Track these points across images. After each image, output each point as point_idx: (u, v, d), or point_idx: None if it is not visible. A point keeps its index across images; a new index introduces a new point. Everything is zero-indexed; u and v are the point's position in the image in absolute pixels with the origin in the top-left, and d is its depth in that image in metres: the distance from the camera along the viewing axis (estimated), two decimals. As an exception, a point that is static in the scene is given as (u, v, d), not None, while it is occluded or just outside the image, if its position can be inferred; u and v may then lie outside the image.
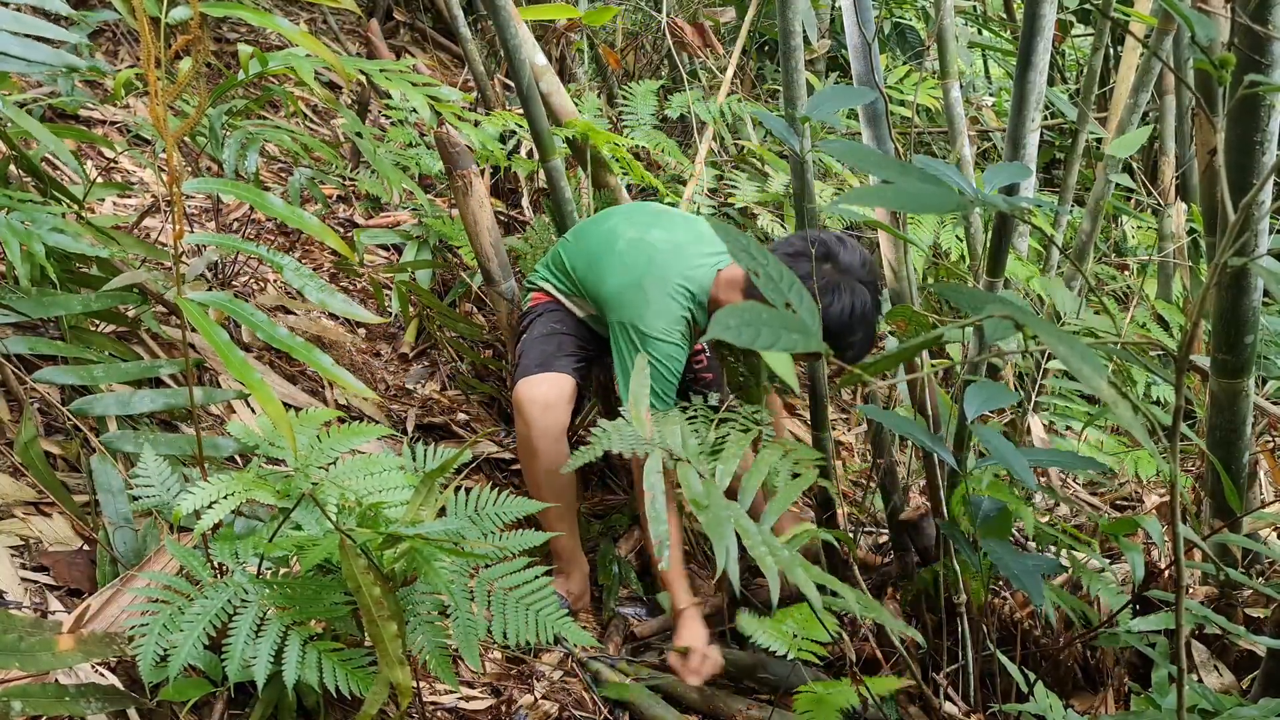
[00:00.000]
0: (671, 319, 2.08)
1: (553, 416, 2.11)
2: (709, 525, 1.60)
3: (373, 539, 1.35)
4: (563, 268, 2.28)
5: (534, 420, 2.09)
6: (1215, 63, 1.02)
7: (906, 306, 1.70)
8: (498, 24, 2.37)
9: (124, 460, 1.81)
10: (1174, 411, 1.02)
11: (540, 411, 2.10)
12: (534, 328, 2.27)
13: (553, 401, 2.12)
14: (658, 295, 2.08)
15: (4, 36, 1.60)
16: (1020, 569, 1.57)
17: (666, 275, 2.10)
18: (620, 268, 2.15)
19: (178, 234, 1.36)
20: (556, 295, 2.29)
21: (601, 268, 2.18)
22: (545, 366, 2.16)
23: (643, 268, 2.12)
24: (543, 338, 2.23)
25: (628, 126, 3.30)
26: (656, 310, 2.08)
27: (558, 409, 2.12)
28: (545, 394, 2.11)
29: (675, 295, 2.09)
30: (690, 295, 2.10)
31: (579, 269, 2.23)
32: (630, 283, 2.11)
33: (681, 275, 2.10)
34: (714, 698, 1.91)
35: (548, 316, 2.28)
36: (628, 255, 2.16)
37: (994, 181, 1.37)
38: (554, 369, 2.16)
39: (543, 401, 2.10)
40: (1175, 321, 3.30)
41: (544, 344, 2.22)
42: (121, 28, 3.44)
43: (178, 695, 1.39)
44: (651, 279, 2.10)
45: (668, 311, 2.08)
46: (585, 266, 2.22)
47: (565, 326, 2.26)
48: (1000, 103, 4.67)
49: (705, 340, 2.45)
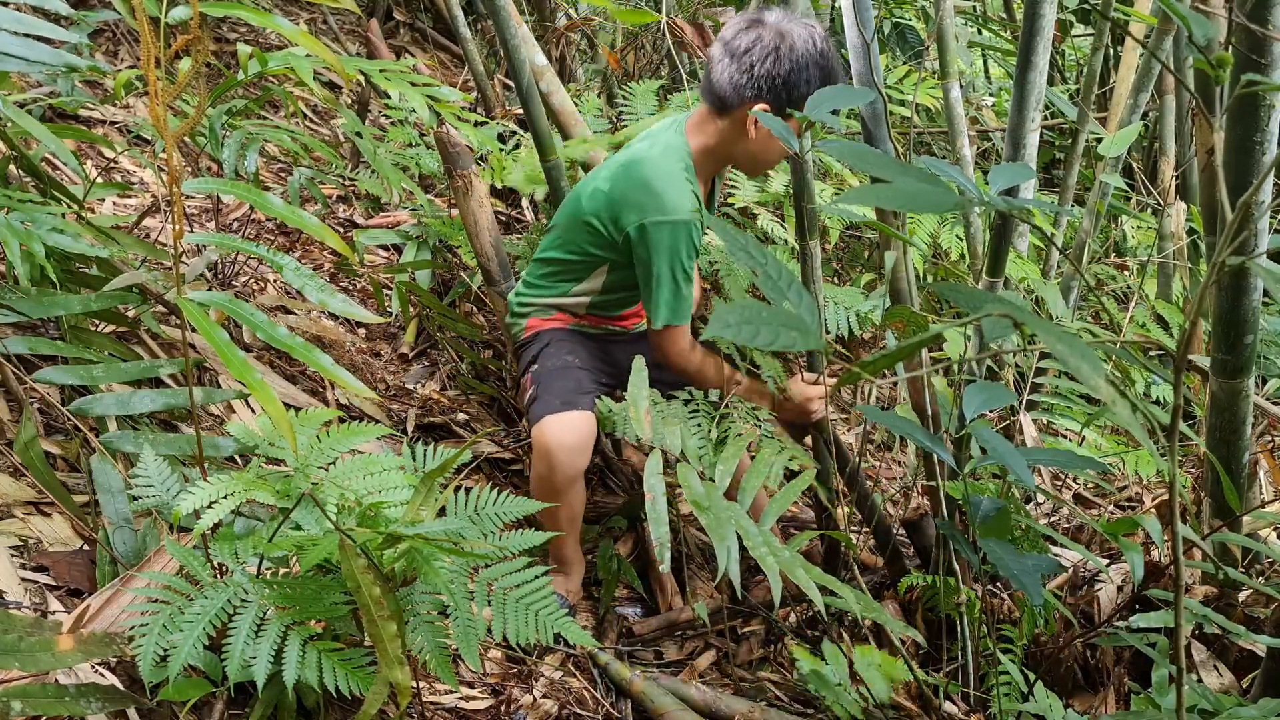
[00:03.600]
0: (689, 196, 2.00)
1: (580, 460, 2.03)
2: (710, 526, 1.60)
3: (373, 539, 1.35)
4: (546, 260, 2.20)
5: (560, 465, 2.00)
6: (1213, 62, 1.02)
7: (906, 307, 1.70)
8: (498, 24, 2.37)
9: (124, 460, 1.81)
10: (1173, 411, 1.02)
11: (568, 456, 2.00)
12: (544, 359, 2.16)
13: (580, 444, 2.02)
14: (665, 180, 2.01)
15: (4, 36, 1.60)
16: (1019, 569, 1.57)
17: (657, 160, 2.04)
18: (609, 181, 2.08)
19: (178, 234, 1.36)
20: (553, 312, 2.22)
21: (587, 199, 2.10)
22: (570, 405, 2.04)
23: (633, 168, 2.05)
24: (559, 371, 2.13)
25: (627, 126, 3.30)
26: (676, 191, 2.00)
27: (584, 452, 2.04)
28: (573, 437, 2.01)
29: (677, 173, 2.02)
30: (686, 166, 2.05)
31: (562, 227, 2.15)
32: (632, 184, 2.03)
33: (665, 152, 2.05)
34: (716, 699, 1.92)
35: (557, 346, 2.18)
36: (607, 174, 2.09)
37: (997, 182, 1.37)
38: (579, 407, 2.05)
39: (570, 445, 2.01)
40: (1175, 321, 3.30)
41: (562, 379, 2.11)
42: (121, 28, 3.44)
43: (178, 695, 1.39)
44: (648, 170, 2.03)
45: (683, 189, 2.01)
46: (568, 218, 2.14)
47: (579, 358, 2.17)
48: (1000, 103, 4.67)
49: (704, 338, 2.45)
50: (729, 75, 1.98)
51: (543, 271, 2.23)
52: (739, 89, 1.98)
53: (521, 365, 2.23)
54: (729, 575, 1.59)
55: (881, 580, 2.31)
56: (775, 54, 1.94)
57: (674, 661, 2.15)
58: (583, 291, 2.21)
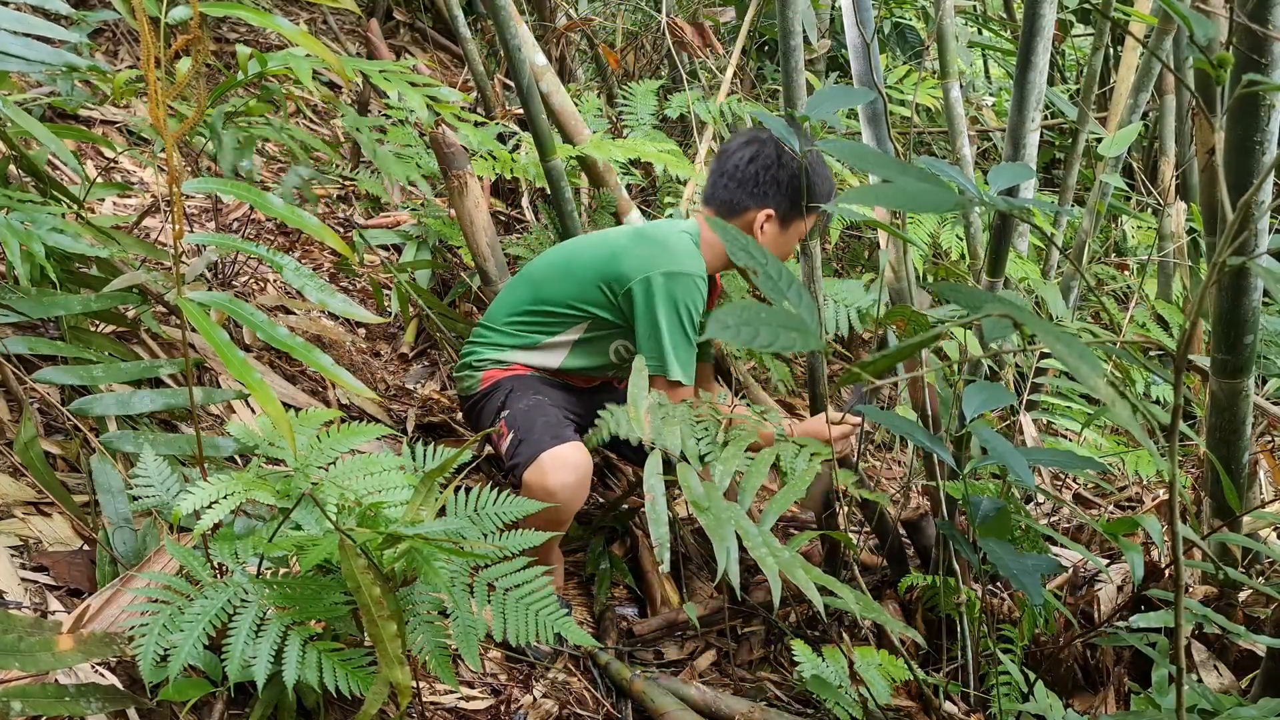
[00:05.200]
0: (700, 262, 2.01)
1: (583, 495, 1.96)
2: (710, 526, 1.60)
3: (373, 539, 1.35)
4: (517, 311, 2.13)
5: (566, 505, 1.92)
6: (1213, 62, 1.02)
7: (906, 306, 1.70)
8: (498, 24, 2.37)
9: (124, 460, 1.81)
10: (1173, 411, 1.02)
11: (571, 495, 1.92)
12: (513, 402, 2.05)
13: (581, 480, 1.93)
14: (678, 242, 2.02)
15: (4, 36, 1.60)
16: (1019, 569, 1.57)
17: (670, 228, 2.07)
18: (619, 238, 2.08)
19: (178, 234, 1.36)
20: (513, 364, 2.13)
21: (586, 259, 2.08)
22: (560, 439, 1.96)
23: (647, 230, 2.07)
24: (535, 408, 2.03)
25: (628, 126, 3.30)
26: (687, 253, 2.00)
27: (585, 487, 1.95)
28: (574, 475, 1.93)
29: (688, 242, 2.04)
30: (695, 242, 2.07)
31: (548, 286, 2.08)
32: (643, 241, 2.03)
33: (677, 226, 2.10)
34: (716, 699, 1.92)
35: (522, 388, 2.08)
36: (615, 234, 2.12)
37: (997, 182, 1.37)
38: (569, 439, 1.96)
39: (573, 483, 1.92)
40: (1175, 321, 3.30)
41: (541, 414, 2.02)
42: (121, 28, 3.44)
43: (178, 695, 1.39)
44: (656, 229, 2.06)
45: (695, 254, 2.01)
46: (560, 276, 2.08)
47: (550, 397, 2.09)
48: (1000, 103, 4.67)
49: (704, 338, 2.45)
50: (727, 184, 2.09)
51: (506, 323, 2.15)
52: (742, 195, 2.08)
53: (485, 418, 2.11)
54: (729, 576, 1.59)
55: (881, 580, 2.31)
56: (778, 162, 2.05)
57: (674, 661, 2.15)
58: (553, 345, 2.14)
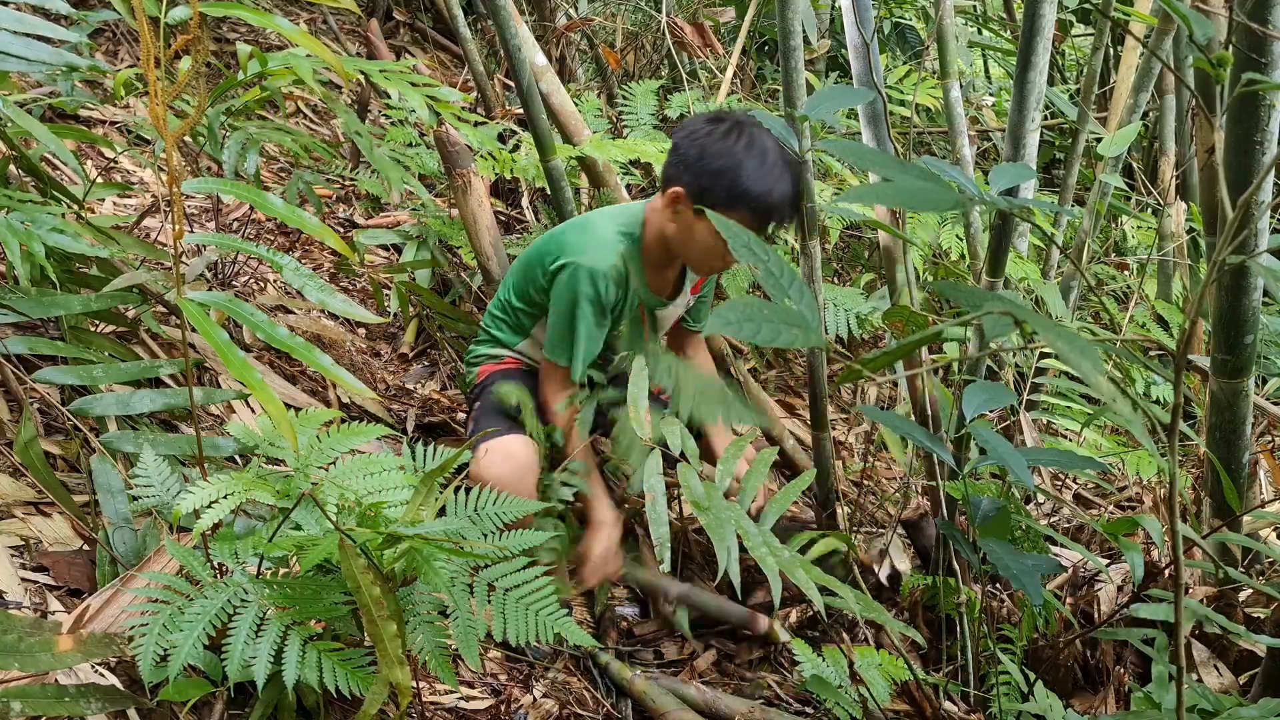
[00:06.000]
0: (614, 253, 2.02)
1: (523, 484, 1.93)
2: (710, 526, 1.60)
3: (372, 539, 1.35)
4: (497, 306, 2.23)
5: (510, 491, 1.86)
6: (1213, 62, 1.02)
7: (905, 306, 1.70)
8: (498, 24, 2.37)
9: (124, 460, 1.81)
10: (1173, 411, 1.02)
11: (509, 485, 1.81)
12: (485, 398, 2.16)
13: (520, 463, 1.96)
14: (598, 231, 2.07)
15: (4, 36, 1.60)
16: (1019, 569, 1.57)
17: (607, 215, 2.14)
18: (557, 229, 2.17)
19: (178, 234, 1.36)
20: (504, 357, 2.23)
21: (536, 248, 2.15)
22: (506, 430, 2.00)
23: (585, 217, 2.16)
24: (494, 413, 2.09)
25: (628, 126, 3.30)
26: (601, 243, 2.03)
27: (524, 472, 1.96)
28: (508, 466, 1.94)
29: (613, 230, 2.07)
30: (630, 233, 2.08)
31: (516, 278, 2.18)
32: (572, 226, 2.14)
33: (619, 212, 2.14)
34: (716, 699, 1.92)
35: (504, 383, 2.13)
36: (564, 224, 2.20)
37: (997, 182, 1.37)
38: (514, 431, 2.00)
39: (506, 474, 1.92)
40: (1175, 321, 3.30)
41: (496, 420, 2.07)
42: (121, 28, 3.44)
43: (178, 695, 1.39)
44: (599, 215, 2.13)
45: (611, 245, 2.04)
46: (522, 267, 2.16)
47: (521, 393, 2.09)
48: (1000, 103, 4.67)
49: (704, 335, 2.45)
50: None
51: (493, 318, 2.25)
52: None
53: (473, 412, 2.22)
54: (729, 575, 1.59)
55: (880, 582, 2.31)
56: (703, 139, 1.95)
57: (674, 661, 2.15)
58: (533, 341, 2.20)
